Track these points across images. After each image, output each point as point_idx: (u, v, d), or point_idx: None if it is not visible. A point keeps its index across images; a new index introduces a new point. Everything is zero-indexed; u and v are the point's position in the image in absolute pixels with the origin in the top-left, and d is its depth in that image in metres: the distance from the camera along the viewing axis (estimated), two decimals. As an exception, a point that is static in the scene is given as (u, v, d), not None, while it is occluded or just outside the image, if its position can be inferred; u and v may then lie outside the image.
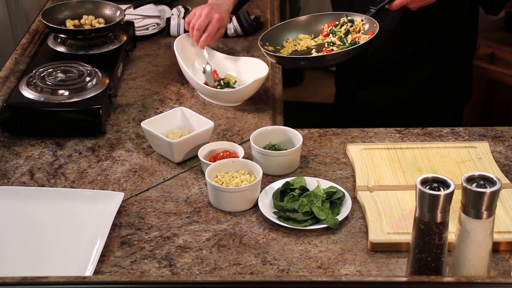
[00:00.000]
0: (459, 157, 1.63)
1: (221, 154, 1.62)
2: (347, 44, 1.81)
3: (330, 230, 1.44)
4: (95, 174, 1.64)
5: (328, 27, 1.89)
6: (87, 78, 1.84)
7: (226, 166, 1.57)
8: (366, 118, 2.15)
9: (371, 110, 2.13)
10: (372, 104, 2.12)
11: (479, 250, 1.20)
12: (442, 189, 1.16)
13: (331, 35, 1.87)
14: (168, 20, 2.32)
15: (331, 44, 1.84)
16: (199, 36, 1.97)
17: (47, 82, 1.82)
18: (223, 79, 1.97)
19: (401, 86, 2.06)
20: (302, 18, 1.97)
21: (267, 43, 1.89)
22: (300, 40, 1.92)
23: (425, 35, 1.99)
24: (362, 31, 1.85)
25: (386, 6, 1.79)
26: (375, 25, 1.80)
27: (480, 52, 2.97)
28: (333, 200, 1.48)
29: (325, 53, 1.80)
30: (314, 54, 1.83)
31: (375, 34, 1.77)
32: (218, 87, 1.94)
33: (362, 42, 1.78)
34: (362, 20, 1.86)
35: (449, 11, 1.95)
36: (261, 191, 1.52)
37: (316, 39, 1.91)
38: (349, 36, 1.84)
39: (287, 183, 1.53)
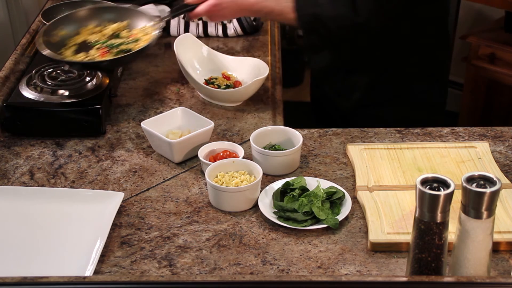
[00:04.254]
0: (459, 157, 1.63)
1: (221, 154, 1.62)
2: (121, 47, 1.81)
3: (330, 230, 1.44)
4: (95, 174, 1.64)
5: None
6: (87, 78, 1.84)
7: (226, 166, 1.57)
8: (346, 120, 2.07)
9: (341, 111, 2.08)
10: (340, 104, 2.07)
11: (479, 250, 1.20)
12: (442, 189, 1.16)
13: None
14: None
15: (111, 45, 1.82)
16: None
17: (47, 82, 1.82)
18: (228, 83, 1.96)
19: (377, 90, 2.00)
20: (84, 10, 1.94)
21: (61, 27, 1.85)
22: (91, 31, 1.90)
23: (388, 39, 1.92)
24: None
25: (187, 14, 1.87)
26: (159, 31, 1.83)
27: (480, 52, 2.97)
28: (333, 200, 1.48)
29: (95, 60, 1.78)
30: (89, 58, 1.80)
31: (148, 42, 1.78)
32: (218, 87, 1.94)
33: (135, 49, 1.78)
34: (148, 26, 1.88)
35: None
36: (261, 191, 1.52)
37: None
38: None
39: (287, 183, 1.53)
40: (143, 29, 1.89)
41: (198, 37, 2.24)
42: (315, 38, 1.88)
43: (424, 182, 1.17)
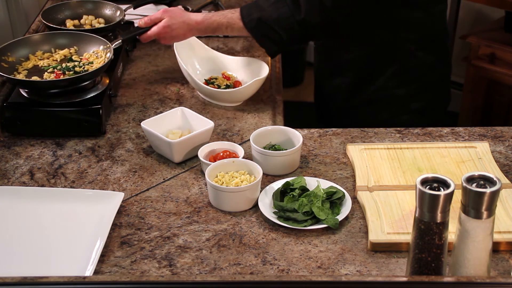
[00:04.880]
0: (459, 157, 1.64)
1: (221, 154, 1.62)
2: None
3: (330, 230, 1.44)
4: (95, 174, 1.64)
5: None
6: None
7: (226, 166, 1.57)
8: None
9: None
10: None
11: (479, 250, 1.20)
12: (442, 189, 1.16)
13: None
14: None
15: (66, 68, 1.82)
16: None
17: (47, 82, 1.82)
18: (228, 83, 1.96)
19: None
20: (35, 36, 1.95)
21: (9, 54, 1.87)
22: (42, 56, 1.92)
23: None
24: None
25: (138, 37, 1.93)
26: (110, 55, 1.84)
27: (480, 52, 2.97)
28: (333, 200, 1.48)
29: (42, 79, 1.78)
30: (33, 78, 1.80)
31: (105, 62, 1.79)
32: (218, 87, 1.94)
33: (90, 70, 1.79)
34: (100, 50, 1.89)
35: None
36: (261, 191, 1.52)
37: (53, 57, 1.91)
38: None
39: (287, 183, 1.53)
40: (95, 52, 1.91)
41: (198, 37, 2.24)
42: (268, 43, 1.88)
43: (424, 182, 1.17)
